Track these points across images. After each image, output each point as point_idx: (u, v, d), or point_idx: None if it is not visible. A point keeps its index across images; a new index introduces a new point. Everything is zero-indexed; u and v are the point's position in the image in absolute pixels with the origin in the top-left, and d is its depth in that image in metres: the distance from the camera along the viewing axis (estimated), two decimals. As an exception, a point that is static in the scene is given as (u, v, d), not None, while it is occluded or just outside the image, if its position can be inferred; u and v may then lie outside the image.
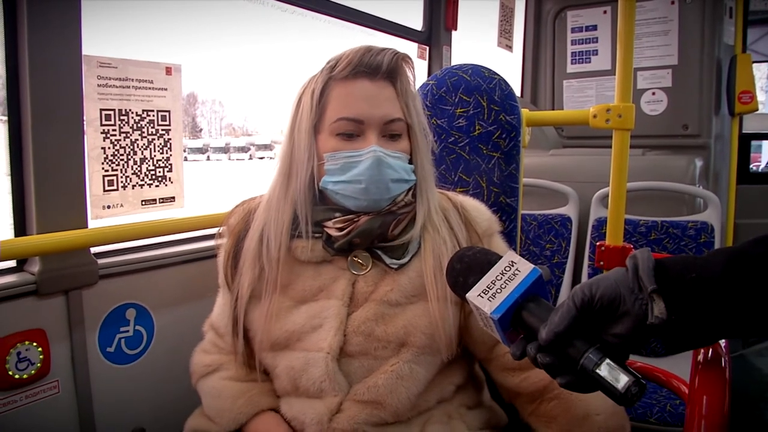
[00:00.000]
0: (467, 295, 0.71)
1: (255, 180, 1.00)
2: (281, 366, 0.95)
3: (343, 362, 0.92)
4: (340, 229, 0.92)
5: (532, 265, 0.70)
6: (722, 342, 1.01)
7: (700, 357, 0.98)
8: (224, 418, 0.99)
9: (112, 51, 1.28)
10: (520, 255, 0.74)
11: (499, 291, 0.69)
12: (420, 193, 0.96)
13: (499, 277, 0.70)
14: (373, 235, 0.92)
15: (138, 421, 1.35)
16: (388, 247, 0.94)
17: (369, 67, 0.92)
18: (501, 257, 0.73)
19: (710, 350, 0.99)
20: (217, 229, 1.07)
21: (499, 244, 1.02)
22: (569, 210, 2.48)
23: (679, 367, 1.22)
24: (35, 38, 1.12)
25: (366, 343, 0.91)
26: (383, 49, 0.93)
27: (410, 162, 0.96)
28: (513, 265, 0.71)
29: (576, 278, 2.42)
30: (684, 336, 0.63)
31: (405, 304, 0.93)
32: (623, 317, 0.64)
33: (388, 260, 0.94)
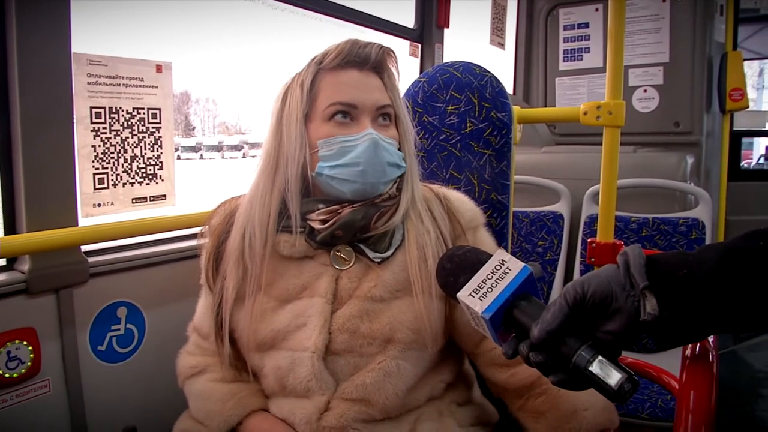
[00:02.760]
0: (458, 294, 0.70)
1: (248, 178, 1.00)
2: (268, 366, 0.95)
3: (329, 360, 0.91)
4: (323, 222, 0.92)
5: (523, 263, 0.70)
6: (710, 337, 1.02)
7: (688, 353, 0.99)
8: (214, 421, 0.98)
9: (103, 49, 1.27)
10: (512, 252, 0.74)
11: (490, 290, 0.68)
12: (405, 183, 0.97)
13: (489, 276, 0.69)
14: (356, 227, 0.91)
15: (129, 420, 1.34)
16: (371, 240, 0.94)
17: (358, 57, 0.94)
18: (491, 256, 0.72)
19: (698, 346, 0.99)
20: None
21: (484, 238, 1.02)
22: (561, 207, 2.49)
23: (670, 362, 1.23)
24: (24, 36, 1.11)
25: (351, 341, 0.91)
26: (370, 42, 0.95)
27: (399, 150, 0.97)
28: (503, 264, 0.70)
29: (568, 275, 2.43)
30: (676, 332, 0.63)
31: (389, 300, 0.92)
32: (615, 314, 0.64)
33: (371, 254, 0.93)
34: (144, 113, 1.36)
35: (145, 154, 1.38)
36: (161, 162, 1.41)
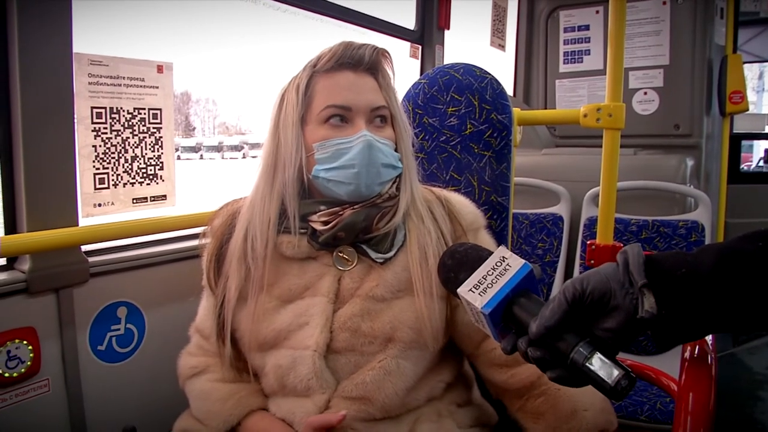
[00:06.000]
0: (458, 290, 0.71)
1: (248, 178, 1.01)
2: (269, 365, 0.95)
3: (330, 359, 0.92)
4: (325, 223, 0.92)
5: (523, 260, 0.70)
6: (709, 339, 1.02)
7: (687, 355, 0.99)
8: (214, 421, 0.98)
9: (104, 49, 1.28)
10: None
11: (490, 286, 0.69)
12: (404, 182, 0.97)
13: (490, 273, 0.70)
14: (358, 229, 0.92)
15: (129, 420, 1.34)
16: (373, 241, 0.94)
17: (352, 59, 0.94)
18: (492, 253, 0.73)
19: (696, 348, 0.99)
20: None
21: (485, 239, 1.03)
22: (561, 209, 2.49)
23: (669, 364, 1.23)
24: (25, 36, 1.11)
25: (352, 339, 0.91)
26: (364, 44, 0.95)
27: (395, 151, 0.98)
28: (504, 260, 0.71)
29: (568, 277, 2.43)
30: (674, 331, 0.63)
31: (391, 300, 0.93)
32: (614, 312, 0.64)
33: (373, 255, 0.94)
34: (145, 113, 1.36)
35: (146, 154, 1.38)
36: (162, 162, 1.42)
